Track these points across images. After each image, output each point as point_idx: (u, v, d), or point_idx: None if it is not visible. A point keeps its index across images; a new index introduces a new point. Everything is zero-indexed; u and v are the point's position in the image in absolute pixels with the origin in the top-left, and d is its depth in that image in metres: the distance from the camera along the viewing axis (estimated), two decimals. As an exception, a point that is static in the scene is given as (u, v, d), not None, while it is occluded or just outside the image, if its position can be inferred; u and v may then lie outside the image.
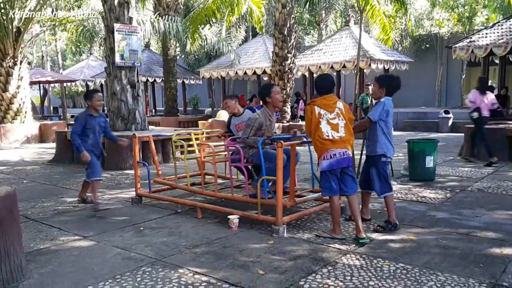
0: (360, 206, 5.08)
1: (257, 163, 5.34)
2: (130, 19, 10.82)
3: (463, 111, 19.30)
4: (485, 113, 9.04)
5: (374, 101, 5.26)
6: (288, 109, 14.77)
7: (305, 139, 5.50)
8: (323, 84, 4.62)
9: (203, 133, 7.13)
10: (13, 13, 14.35)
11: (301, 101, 17.72)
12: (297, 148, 5.39)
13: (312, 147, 5.09)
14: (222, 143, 6.16)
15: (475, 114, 9.08)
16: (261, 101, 5.57)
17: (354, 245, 4.35)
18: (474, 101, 9.10)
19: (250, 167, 5.61)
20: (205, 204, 5.69)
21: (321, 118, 4.43)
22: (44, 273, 3.78)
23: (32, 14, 14.96)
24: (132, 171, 8.24)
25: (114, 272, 3.77)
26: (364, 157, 5.41)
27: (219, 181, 6.28)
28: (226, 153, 5.88)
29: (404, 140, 8.82)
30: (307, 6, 15.61)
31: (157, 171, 6.59)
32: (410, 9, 22.14)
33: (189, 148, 6.46)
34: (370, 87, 11.23)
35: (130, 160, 9.15)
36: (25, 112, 15.49)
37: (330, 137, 4.39)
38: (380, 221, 4.96)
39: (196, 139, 6.86)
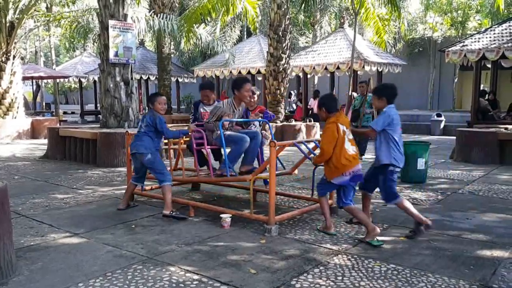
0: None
1: (221, 146, 5.60)
2: (125, 16, 10.77)
3: (455, 114, 19.48)
4: None
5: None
6: (282, 109, 14.77)
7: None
8: (333, 103, 4.71)
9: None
10: (6, 11, 14.25)
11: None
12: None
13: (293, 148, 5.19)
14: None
15: None
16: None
17: (346, 245, 4.37)
18: None
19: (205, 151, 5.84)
20: (197, 202, 5.69)
21: (346, 136, 4.48)
22: (34, 269, 3.76)
23: (23, 16, 14.85)
24: (124, 169, 8.21)
25: (105, 269, 3.75)
26: None
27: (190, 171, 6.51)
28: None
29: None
30: (302, 7, 15.62)
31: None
32: (404, 12, 22.28)
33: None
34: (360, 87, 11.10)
35: (122, 157, 9.11)
36: (17, 108, 15.37)
37: (353, 153, 4.48)
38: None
39: None
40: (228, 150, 5.39)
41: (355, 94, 10.96)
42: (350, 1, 13.93)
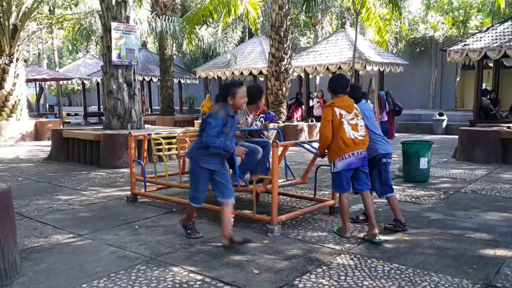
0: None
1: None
2: (127, 18, 10.82)
3: (457, 113, 19.45)
4: None
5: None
6: (284, 110, 14.78)
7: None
8: (340, 84, 4.64)
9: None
10: (9, 14, 14.32)
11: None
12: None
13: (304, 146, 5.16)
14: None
15: None
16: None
17: (348, 245, 4.38)
18: None
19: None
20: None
21: (343, 119, 4.44)
22: (38, 270, 3.78)
23: (26, 18, 14.92)
24: (127, 170, 8.23)
25: (108, 270, 3.77)
26: None
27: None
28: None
29: (399, 141, 8.87)
30: (303, 7, 15.62)
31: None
32: (405, 12, 22.25)
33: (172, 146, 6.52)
34: None
35: (125, 158, 9.13)
36: (21, 110, 15.43)
37: (352, 137, 4.43)
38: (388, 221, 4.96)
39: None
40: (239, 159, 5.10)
41: None
42: (351, 1, 13.94)
